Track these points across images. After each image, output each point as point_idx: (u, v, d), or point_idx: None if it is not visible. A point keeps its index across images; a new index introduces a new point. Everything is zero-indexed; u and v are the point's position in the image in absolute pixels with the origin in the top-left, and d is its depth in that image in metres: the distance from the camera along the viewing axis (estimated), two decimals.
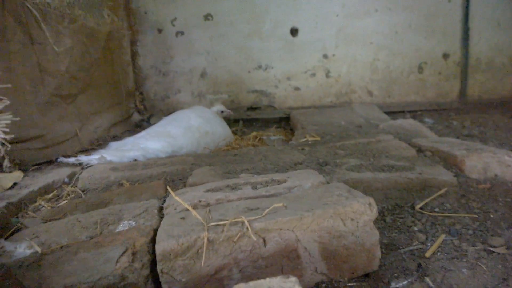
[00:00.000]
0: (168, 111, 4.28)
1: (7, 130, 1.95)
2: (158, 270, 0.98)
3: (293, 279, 0.75)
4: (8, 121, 1.94)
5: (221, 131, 3.24)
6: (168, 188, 1.31)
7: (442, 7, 4.26)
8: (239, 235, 1.00)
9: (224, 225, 1.03)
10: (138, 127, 3.87)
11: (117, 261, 0.99)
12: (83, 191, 1.94)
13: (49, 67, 2.40)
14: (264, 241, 1.03)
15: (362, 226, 1.08)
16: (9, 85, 2.01)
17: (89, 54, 2.88)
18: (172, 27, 4.22)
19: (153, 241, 1.13)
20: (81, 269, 0.99)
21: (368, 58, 4.33)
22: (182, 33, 4.23)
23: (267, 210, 1.09)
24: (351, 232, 1.07)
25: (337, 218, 1.06)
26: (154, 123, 3.93)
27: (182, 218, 1.15)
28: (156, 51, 4.26)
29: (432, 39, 4.33)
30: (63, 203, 1.80)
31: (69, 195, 1.92)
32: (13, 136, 1.97)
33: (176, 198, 1.13)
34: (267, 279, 0.75)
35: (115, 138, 3.22)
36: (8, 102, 1.97)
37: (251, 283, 0.75)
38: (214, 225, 1.05)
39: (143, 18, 4.16)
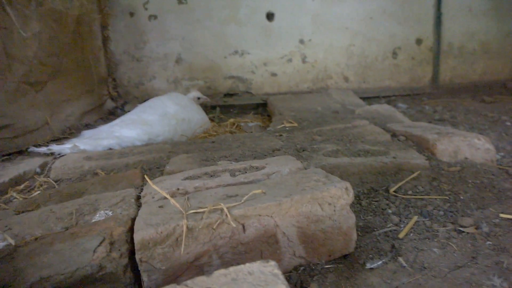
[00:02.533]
0: (143, 98, 4.19)
1: None
2: (137, 259, 0.97)
3: (272, 263, 0.76)
4: None
5: (198, 118, 3.21)
6: (146, 176, 1.29)
7: None
8: (218, 222, 1.00)
9: (203, 212, 1.03)
10: (112, 115, 3.79)
11: (94, 251, 0.98)
12: (56, 181, 1.89)
13: (16, 53, 2.31)
14: (244, 227, 1.03)
15: (339, 210, 1.10)
16: None
17: (57, 39, 2.78)
18: (144, 10, 4.11)
19: (131, 230, 1.12)
20: (57, 260, 0.97)
21: (343, 43, 4.36)
22: (156, 17, 4.13)
23: (246, 197, 1.09)
24: (329, 216, 1.09)
25: (315, 203, 1.08)
26: (129, 111, 3.85)
27: (161, 207, 1.14)
28: (129, 36, 4.15)
29: (406, 25, 4.39)
30: (35, 194, 1.75)
31: (41, 185, 1.87)
32: None
33: (154, 186, 1.12)
34: (247, 264, 0.76)
35: (88, 126, 3.15)
36: None
37: (231, 269, 0.75)
38: (193, 212, 1.04)
39: (114, 1, 4.03)
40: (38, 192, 1.77)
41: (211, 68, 4.32)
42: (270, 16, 4.25)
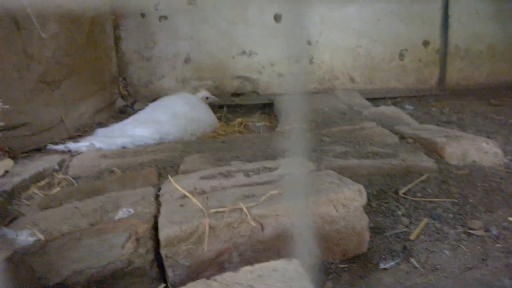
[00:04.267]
0: (152, 97, 4.25)
1: None
2: (163, 255, 1.03)
3: (295, 261, 0.82)
4: None
5: (207, 118, 3.27)
6: (170, 177, 1.36)
7: None
8: (239, 221, 1.06)
9: (223, 212, 1.09)
10: (122, 113, 3.84)
11: (122, 247, 1.04)
12: (74, 179, 1.96)
13: (35, 53, 2.37)
14: (262, 226, 1.09)
15: (353, 212, 1.16)
16: None
17: (73, 40, 2.84)
18: (155, 11, 4.16)
19: (154, 227, 1.18)
20: (87, 255, 1.03)
21: (350, 44, 4.40)
22: (166, 17, 4.19)
23: (264, 197, 1.15)
24: (343, 217, 1.15)
25: (330, 204, 1.13)
26: (138, 109, 3.92)
27: (182, 205, 1.20)
28: (139, 36, 4.20)
29: (413, 27, 4.42)
30: (55, 190, 1.82)
31: (60, 182, 1.93)
32: (2, 124, 1.96)
33: (177, 186, 1.18)
34: (271, 262, 0.81)
35: (101, 124, 3.21)
36: None
37: (256, 266, 0.81)
38: (214, 212, 1.10)
39: (126, 2, 4.09)
40: (58, 189, 1.84)
41: (218, 68, 4.37)
42: (277, 17, 4.29)
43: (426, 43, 4.49)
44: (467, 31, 4.54)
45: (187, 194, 1.18)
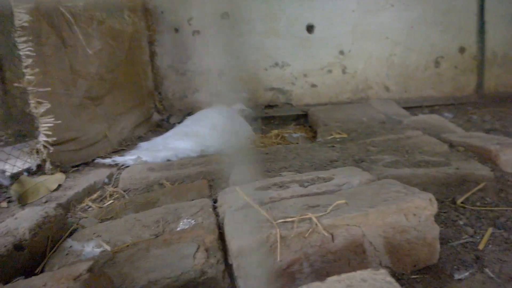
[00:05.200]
0: (186, 111, 4.32)
1: (50, 133, 2.00)
2: (234, 265, 1.02)
3: (382, 271, 0.79)
4: (51, 124, 1.99)
5: (244, 130, 3.28)
6: (237, 189, 1.35)
7: (457, 1, 4.28)
8: (309, 231, 1.04)
9: (293, 221, 1.08)
10: (159, 127, 3.91)
11: (194, 257, 1.04)
12: (124, 191, 1.99)
13: (80, 69, 2.44)
14: (332, 236, 1.07)
15: (424, 221, 1.12)
16: (49, 89, 2.06)
17: (115, 56, 2.92)
18: (188, 26, 4.25)
19: (220, 238, 1.18)
20: (159, 265, 1.04)
21: (384, 53, 4.36)
22: (199, 32, 4.27)
23: (331, 207, 1.13)
24: (413, 227, 1.11)
25: (401, 213, 1.10)
26: (174, 123, 3.99)
27: (246, 216, 1.19)
28: (174, 51, 4.29)
29: (448, 34, 4.35)
30: (108, 203, 1.85)
31: (111, 195, 1.96)
32: (55, 138, 2.02)
33: (246, 198, 1.18)
34: (358, 272, 0.79)
35: (140, 138, 3.27)
36: (49, 106, 2.02)
37: (343, 275, 0.79)
38: (282, 222, 1.09)
39: (160, 18, 4.19)
40: (111, 201, 1.87)
41: (252, 80, 4.40)
42: (310, 28, 4.31)
43: (462, 50, 4.41)
44: (504, 37, 4.43)
45: (255, 206, 1.17)
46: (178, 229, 1.30)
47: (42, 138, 2.01)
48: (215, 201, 1.59)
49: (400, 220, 1.11)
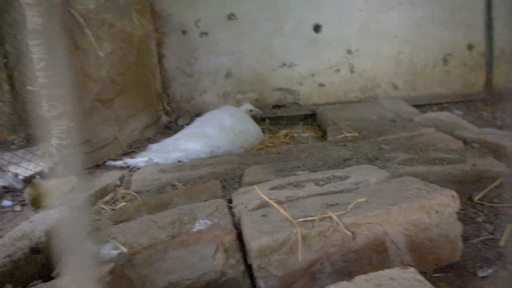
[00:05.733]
0: (194, 112, 4.32)
1: (63, 136, 2.00)
2: (255, 266, 1.01)
3: (411, 269, 0.77)
4: (64, 127, 1.99)
5: (253, 130, 3.27)
6: (255, 187, 1.34)
7: None
8: (330, 230, 1.03)
9: (313, 220, 1.06)
10: (167, 129, 3.91)
11: (213, 258, 1.03)
12: (136, 193, 1.98)
13: (91, 72, 2.45)
14: (354, 235, 1.05)
15: (446, 218, 1.10)
16: (63, 92, 2.05)
17: (125, 58, 2.92)
18: (196, 28, 4.24)
19: (238, 238, 1.17)
20: (179, 266, 1.03)
21: (392, 52, 4.33)
22: (206, 33, 4.26)
23: (351, 205, 1.11)
24: (436, 224, 1.09)
25: (423, 211, 1.08)
26: (182, 125, 3.99)
27: (264, 216, 1.18)
28: (181, 53, 4.29)
29: (456, 31, 4.31)
30: (121, 205, 1.84)
31: (124, 197, 1.96)
32: (69, 141, 2.02)
33: (264, 196, 1.17)
34: (386, 271, 0.78)
35: (150, 140, 3.27)
36: (62, 109, 2.02)
37: (371, 274, 0.77)
38: (302, 221, 1.07)
39: (168, 20, 4.19)
40: (123, 203, 1.86)
41: (259, 80, 4.39)
42: (317, 28, 4.29)
43: (470, 47, 4.37)
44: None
45: (275, 205, 1.15)
46: (195, 230, 1.29)
47: (54, 141, 2.00)
48: (229, 202, 1.58)
49: (423, 218, 1.09)
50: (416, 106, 4.06)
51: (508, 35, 4.38)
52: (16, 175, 2.02)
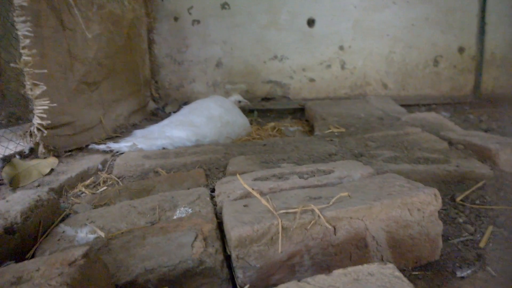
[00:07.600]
0: (183, 100, 4.27)
1: (45, 116, 1.95)
2: (234, 256, 0.99)
3: (390, 265, 0.77)
4: (46, 107, 1.94)
5: (241, 121, 3.24)
6: (238, 176, 1.32)
7: (460, 1, 4.26)
8: (312, 222, 1.02)
9: (295, 213, 1.05)
10: (154, 116, 3.86)
11: (192, 246, 1.01)
12: (119, 178, 1.94)
13: (78, 53, 2.39)
14: (335, 229, 1.04)
15: (428, 216, 1.10)
16: (45, 71, 2.00)
17: (114, 41, 2.86)
18: (188, 15, 4.18)
19: (219, 228, 1.15)
20: (156, 253, 1.00)
21: (384, 50, 4.33)
22: (198, 21, 4.21)
23: (333, 199, 1.10)
24: (417, 222, 1.09)
25: (405, 208, 1.08)
26: (169, 112, 3.94)
27: (245, 206, 1.16)
28: (172, 40, 4.23)
29: (448, 33, 4.33)
30: (102, 189, 1.81)
31: (105, 181, 1.92)
32: (49, 122, 1.97)
33: (248, 188, 1.15)
34: (365, 266, 0.77)
35: (135, 126, 3.22)
36: (44, 88, 1.97)
37: (350, 269, 0.76)
38: (284, 212, 1.06)
39: (160, 5, 4.12)
40: (104, 187, 1.83)
41: (250, 72, 4.36)
42: (310, 22, 4.26)
43: (461, 50, 4.40)
44: (504, 39, 4.42)
45: (257, 196, 1.14)
46: (175, 217, 1.27)
47: (36, 120, 1.95)
48: (212, 191, 1.56)
49: (404, 215, 1.08)
50: (405, 106, 4.07)
51: (499, 40, 4.42)
52: None
